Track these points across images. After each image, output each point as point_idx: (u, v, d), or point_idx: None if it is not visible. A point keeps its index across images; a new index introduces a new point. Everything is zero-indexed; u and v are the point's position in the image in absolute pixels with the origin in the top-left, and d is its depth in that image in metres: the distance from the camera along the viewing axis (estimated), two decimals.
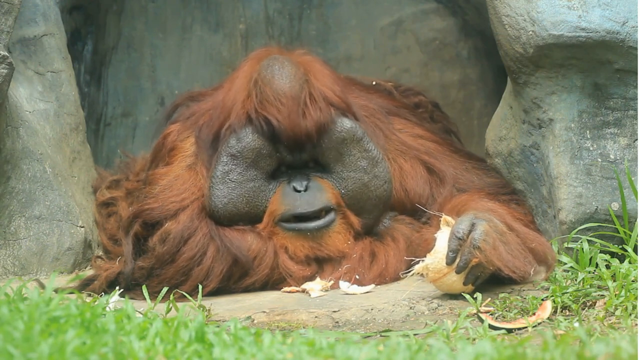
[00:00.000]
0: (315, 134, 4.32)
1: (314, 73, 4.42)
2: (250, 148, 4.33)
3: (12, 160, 4.48)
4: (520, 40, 4.19)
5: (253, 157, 4.33)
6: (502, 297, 3.94)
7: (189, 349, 2.90)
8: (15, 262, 4.45)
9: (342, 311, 3.95)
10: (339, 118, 4.38)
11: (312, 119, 4.31)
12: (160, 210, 4.32)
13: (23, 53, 4.73)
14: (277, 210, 4.32)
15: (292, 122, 4.29)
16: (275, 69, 4.37)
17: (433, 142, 4.73)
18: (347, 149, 4.40)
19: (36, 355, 2.65)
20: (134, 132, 5.94)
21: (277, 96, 4.30)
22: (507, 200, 4.48)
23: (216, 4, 5.96)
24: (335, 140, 4.38)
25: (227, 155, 4.33)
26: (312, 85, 4.36)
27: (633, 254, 4.07)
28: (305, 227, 4.32)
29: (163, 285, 4.12)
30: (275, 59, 4.41)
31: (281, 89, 4.31)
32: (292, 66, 4.38)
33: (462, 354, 2.78)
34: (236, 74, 4.54)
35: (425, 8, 5.94)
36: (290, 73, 4.35)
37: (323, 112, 4.33)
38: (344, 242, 4.35)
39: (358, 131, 4.40)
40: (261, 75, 4.36)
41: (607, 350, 2.73)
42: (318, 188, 4.36)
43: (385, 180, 4.41)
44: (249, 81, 4.39)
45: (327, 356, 2.86)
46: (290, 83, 4.32)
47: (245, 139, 4.33)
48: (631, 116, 4.22)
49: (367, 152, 4.40)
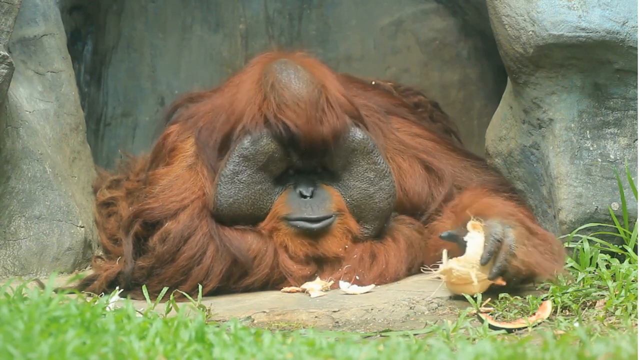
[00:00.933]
0: (332, 140, 4.32)
1: (327, 78, 4.43)
2: (264, 151, 4.32)
3: (12, 160, 4.48)
4: (520, 40, 4.19)
5: (265, 160, 4.32)
6: (502, 297, 3.94)
7: (189, 349, 2.90)
8: (15, 262, 4.45)
9: (342, 311, 3.95)
10: (352, 127, 4.39)
11: (329, 125, 4.31)
12: (161, 210, 4.32)
13: (23, 53, 4.73)
14: (282, 211, 4.32)
15: (310, 127, 4.28)
16: (292, 72, 4.35)
17: (431, 140, 4.74)
18: (357, 159, 4.40)
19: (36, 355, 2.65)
20: (134, 132, 5.95)
21: (295, 100, 4.28)
22: (507, 197, 4.49)
23: (216, 4, 5.96)
24: (346, 149, 4.38)
25: (239, 156, 4.33)
26: (328, 91, 4.36)
27: (633, 254, 4.07)
28: (307, 227, 4.31)
29: (163, 285, 4.12)
30: (287, 63, 4.40)
31: (299, 93, 4.29)
32: (307, 71, 4.38)
33: (462, 354, 2.78)
34: (241, 77, 4.53)
35: (425, 8, 5.94)
36: (307, 78, 4.34)
37: (340, 119, 4.33)
38: (340, 245, 4.34)
39: (369, 143, 4.40)
40: (277, 78, 4.33)
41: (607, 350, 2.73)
42: (323, 197, 4.35)
43: (390, 194, 4.41)
44: (262, 84, 4.36)
45: (327, 356, 2.86)
46: (307, 88, 4.31)
47: (260, 142, 4.31)
48: (631, 116, 4.22)
49: (375, 164, 4.41)
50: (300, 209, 4.32)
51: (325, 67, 4.54)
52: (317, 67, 4.47)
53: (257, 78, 4.41)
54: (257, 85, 4.38)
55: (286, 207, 4.33)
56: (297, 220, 4.31)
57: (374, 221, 4.40)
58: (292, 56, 4.51)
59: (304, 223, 4.31)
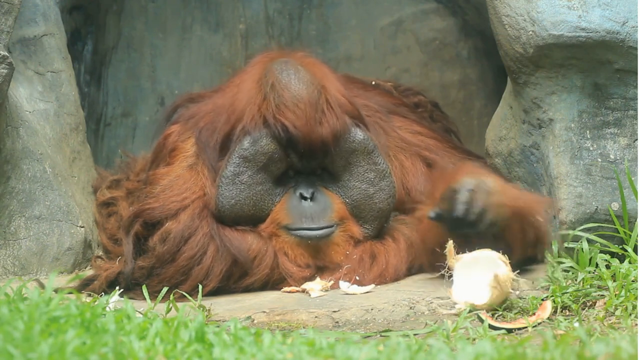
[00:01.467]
0: (331, 141, 4.32)
1: (327, 78, 4.43)
2: (264, 152, 4.32)
3: (12, 160, 4.48)
4: (520, 40, 4.19)
5: (265, 161, 4.32)
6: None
7: (189, 349, 2.90)
8: (15, 262, 4.45)
9: (342, 311, 3.95)
10: (352, 128, 4.38)
11: (329, 126, 4.31)
12: (161, 210, 4.32)
13: (23, 53, 4.73)
14: (282, 220, 4.32)
15: (309, 128, 4.28)
16: (292, 72, 4.35)
17: (432, 138, 4.74)
18: (357, 159, 4.39)
19: (36, 355, 2.65)
20: (134, 132, 5.94)
21: (295, 101, 4.28)
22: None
23: (216, 4, 5.95)
24: (346, 150, 4.38)
25: (239, 157, 4.32)
26: (328, 92, 4.36)
27: (633, 254, 4.07)
28: (307, 235, 4.31)
29: (163, 285, 4.12)
30: (288, 63, 4.40)
31: (299, 94, 4.29)
32: (307, 71, 4.37)
33: (462, 354, 2.78)
34: (242, 77, 4.53)
35: (425, 8, 5.94)
36: (307, 78, 4.34)
37: (339, 120, 4.33)
38: (342, 254, 4.34)
39: (369, 144, 4.39)
40: (277, 78, 4.33)
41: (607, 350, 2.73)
42: (325, 204, 4.34)
43: (390, 195, 4.41)
44: (262, 84, 4.36)
45: (327, 356, 2.86)
46: (307, 89, 4.31)
47: (260, 143, 4.31)
48: (631, 116, 4.22)
49: (376, 165, 4.40)
50: (300, 218, 4.31)
51: (326, 67, 4.54)
52: (318, 67, 4.46)
53: (258, 78, 4.40)
54: (258, 85, 4.38)
55: (287, 215, 4.32)
56: (297, 230, 4.30)
57: (374, 221, 4.40)
58: (293, 56, 4.51)
59: (305, 232, 4.30)
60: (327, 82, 4.39)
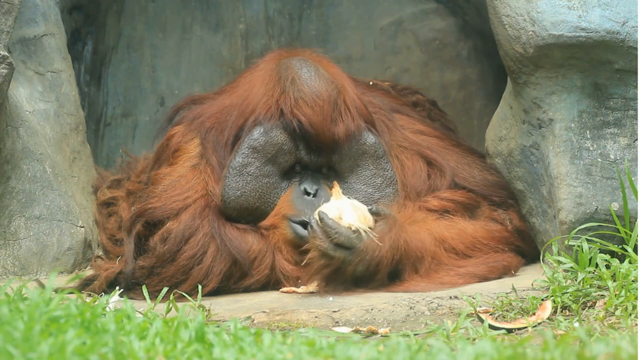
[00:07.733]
0: (344, 141, 4.33)
1: (345, 79, 4.45)
2: (273, 143, 4.33)
3: (12, 160, 4.48)
4: (520, 40, 4.19)
5: (274, 152, 4.34)
6: (502, 297, 3.94)
7: (189, 349, 2.90)
8: (15, 262, 4.45)
9: (342, 311, 3.95)
10: (365, 131, 4.39)
11: (344, 126, 4.33)
12: (163, 210, 4.33)
13: (23, 53, 4.73)
14: (285, 210, 4.33)
15: (325, 126, 4.29)
16: (312, 69, 4.37)
17: (435, 137, 4.75)
18: (366, 163, 4.40)
19: (36, 355, 2.65)
20: (134, 132, 5.95)
21: (314, 97, 4.30)
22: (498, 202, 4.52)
23: (216, 4, 5.96)
24: (356, 152, 4.39)
25: (248, 148, 4.34)
26: (346, 92, 4.38)
27: (633, 254, 4.06)
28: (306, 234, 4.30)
29: (163, 285, 4.12)
30: (307, 60, 4.42)
31: (319, 90, 4.31)
32: (326, 70, 4.40)
33: (462, 354, 2.78)
34: (253, 74, 4.53)
35: (425, 8, 5.94)
36: (327, 77, 4.37)
37: (355, 122, 4.35)
38: None
39: (380, 149, 4.41)
40: (298, 74, 4.34)
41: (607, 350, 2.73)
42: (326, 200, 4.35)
43: (392, 202, 4.41)
44: (281, 78, 4.37)
45: (327, 356, 2.86)
46: (327, 87, 4.33)
47: (270, 133, 4.33)
48: (631, 116, 4.22)
49: (384, 170, 4.42)
50: (302, 211, 4.31)
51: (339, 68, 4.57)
52: (335, 68, 4.50)
53: (276, 72, 4.41)
54: (276, 79, 4.39)
55: (290, 206, 4.33)
56: (297, 223, 4.30)
57: None
58: (307, 55, 4.53)
59: (302, 230, 4.29)
60: (346, 83, 4.42)
